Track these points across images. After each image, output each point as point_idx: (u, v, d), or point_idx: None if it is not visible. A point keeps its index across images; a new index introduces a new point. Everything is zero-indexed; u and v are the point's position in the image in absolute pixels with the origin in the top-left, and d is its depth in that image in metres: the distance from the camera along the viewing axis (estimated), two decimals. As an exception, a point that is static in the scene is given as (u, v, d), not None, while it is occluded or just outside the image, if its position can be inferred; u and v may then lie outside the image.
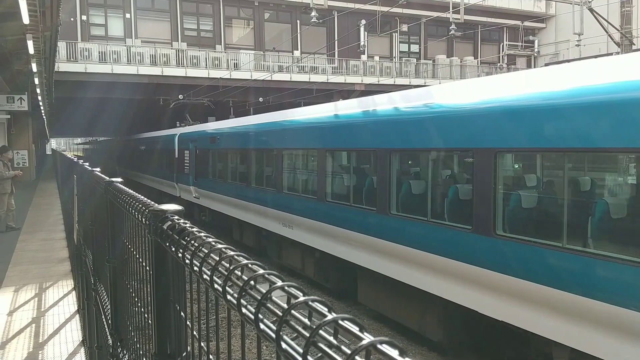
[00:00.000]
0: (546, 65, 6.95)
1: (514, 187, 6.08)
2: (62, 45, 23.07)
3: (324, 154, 9.35)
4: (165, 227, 1.50)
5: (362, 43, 22.97)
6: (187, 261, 1.21)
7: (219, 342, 1.17)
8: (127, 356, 2.48)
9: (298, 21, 31.37)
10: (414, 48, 35.73)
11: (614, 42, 16.50)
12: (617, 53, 9.93)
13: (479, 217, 5.91)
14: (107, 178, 3.14)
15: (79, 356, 5.16)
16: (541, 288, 5.21)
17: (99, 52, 24.89)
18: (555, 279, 5.10)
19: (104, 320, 3.35)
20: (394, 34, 33.46)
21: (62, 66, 23.11)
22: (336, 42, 30.08)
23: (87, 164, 5.99)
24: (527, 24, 34.21)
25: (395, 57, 34.11)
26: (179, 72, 26.20)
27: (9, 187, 12.77)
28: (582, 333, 4.96)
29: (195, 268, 1.14)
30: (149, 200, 1.88)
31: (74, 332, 5.78)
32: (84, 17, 27.22)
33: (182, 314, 1.52)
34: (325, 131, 9.44)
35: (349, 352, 0.66)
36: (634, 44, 16.77)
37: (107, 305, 3.27)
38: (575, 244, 5.05)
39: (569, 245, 5.05)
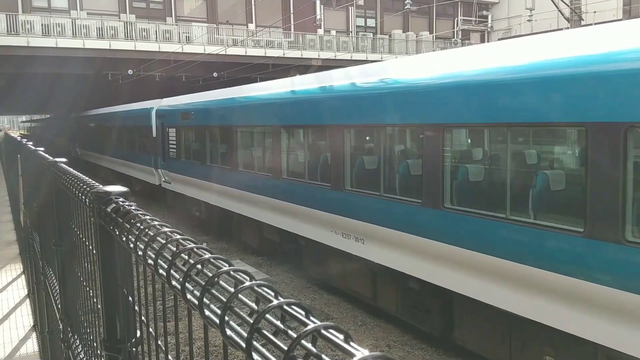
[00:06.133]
0: (499, 40, 7.13)
1: None
2: (1, 18, 21.77)
3: None
4: (109, 209, 1.43)
5: (318, 17, 22.70)
6: (132, 245, 1.16)
7: (166, 326, 1.14)
8: (77, 341, 2.41)
9: (252, -7, 30.67)
10: (370, 22, 35.62)
11: (564, 17, 16.90)
12: (567, 28, 10.19)
13: None
14: (51, 158, 3.00)
15: (30, 341, 5.01)
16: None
17: (42, 25, 23.62)
18: None
19: (54, 305, 3.24)
20: (349, 8, 33.18)
21: (2, 40, 21.86)
22: (292, 15, 29.57)
23: (31, 143, 5.72)
24: (480, -2, 34.63)
25: (351, 32, 33.92)
26: (128, 45, 25.20)
27: None
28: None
29: (140, 252, 1.09)
30: (92, 181, 1.80)
31: (24, 317, 5.60)
32: (25, -12, 25.73)
33: (129, 298, 1.47)
34: None
35: (295, 336, 0.64)
36: (583, 20, 17.23)
37: (56, 290, 3.16)
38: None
39: None
